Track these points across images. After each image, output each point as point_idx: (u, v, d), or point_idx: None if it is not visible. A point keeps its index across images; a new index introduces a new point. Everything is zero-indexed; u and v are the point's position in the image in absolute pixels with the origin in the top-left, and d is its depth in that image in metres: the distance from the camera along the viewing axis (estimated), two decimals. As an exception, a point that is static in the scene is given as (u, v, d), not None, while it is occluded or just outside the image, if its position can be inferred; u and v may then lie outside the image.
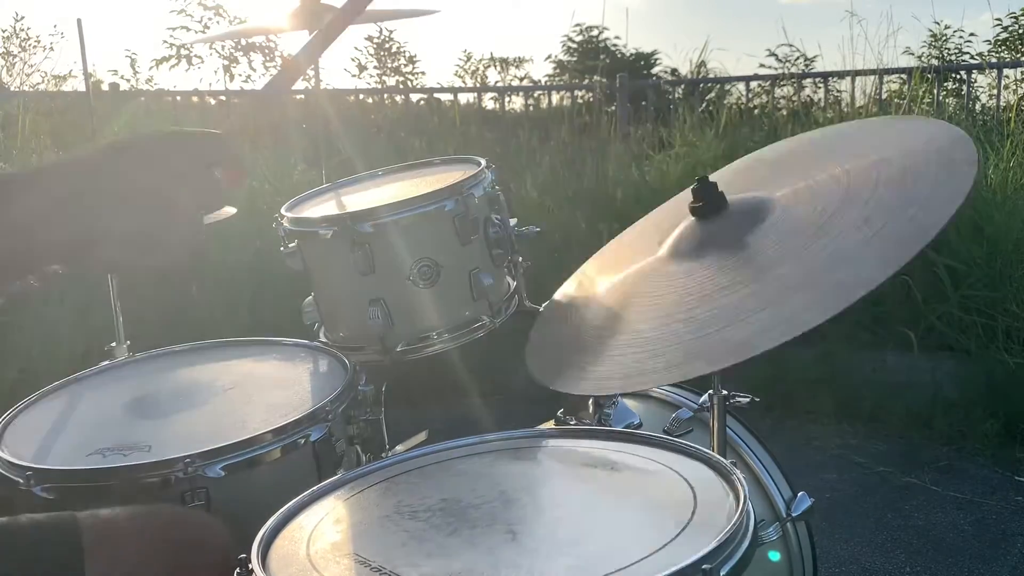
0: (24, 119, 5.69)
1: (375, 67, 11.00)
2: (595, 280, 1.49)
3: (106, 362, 1.82)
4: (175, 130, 0.99)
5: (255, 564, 0.94)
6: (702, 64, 7.05)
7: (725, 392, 1.38)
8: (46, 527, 1.10)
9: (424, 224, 1.52)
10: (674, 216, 1.40)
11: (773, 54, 10.42)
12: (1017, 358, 3.44)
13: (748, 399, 1.42)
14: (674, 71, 13.54)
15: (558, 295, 1.56)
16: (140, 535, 1.13)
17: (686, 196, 1.39)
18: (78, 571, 1.04)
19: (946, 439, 3.40)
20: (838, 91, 6.51)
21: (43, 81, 7.82)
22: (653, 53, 17.21)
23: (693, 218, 1.33)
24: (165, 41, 10.10)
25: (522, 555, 0.92)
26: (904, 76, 5.60)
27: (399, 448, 1.55)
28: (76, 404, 1.61)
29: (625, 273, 1.38)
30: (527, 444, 1.21)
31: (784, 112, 6.27)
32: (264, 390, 1.58)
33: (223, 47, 9.66)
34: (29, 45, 8.23)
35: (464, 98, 8.18)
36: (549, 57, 18.05)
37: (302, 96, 7.60)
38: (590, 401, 1.53)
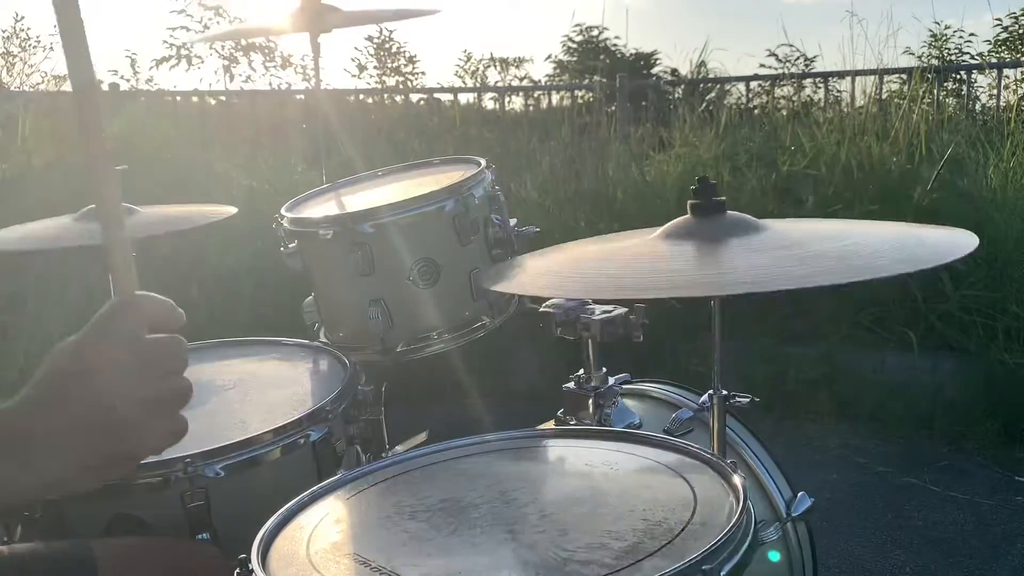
0: (24, 119, 5.69)
1: (375, 67, 11.01)
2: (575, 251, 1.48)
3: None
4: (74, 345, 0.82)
5: (255, 564, 0.94)
6: (702, 64, 7.05)
7: (725, 392, 1.38)
8: (61, 557, 1.10)
9: (424, 224, 1.52)
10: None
11: (773, 54, 10.43)
12: (1017, 358, 3.44)
13: (748, 399, 1.42)
14: (674, 71, 13.53)
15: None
16: (153, 566, 1.14)
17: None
18: None
19: (946, 439, 3.40)
20: (838, 91, 6.52)
21: (43, 81, 7.84)
22: (653, 53, 17.22)
23: (690, 216, 1.32)
24: (165, 41, 10.12)
25: (522, 554, 0.92)
26: (904, 76, 5.60)
27: (399, 448, 1.55)
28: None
29: (610, 247, 1.38)
30: (527, 444, 1.21)
31: (784, 112, 6.27)
32: (264, 390, 1.58)
33: (223, 47, 9.67)
34: (29, 45, 8.24)
35: (464, 98, 8.18)
36: (549, 57, 18.07)
37: (302, 96, 7.61)
38: (590, 401, 1.53)
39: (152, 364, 0.83)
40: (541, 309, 1.57)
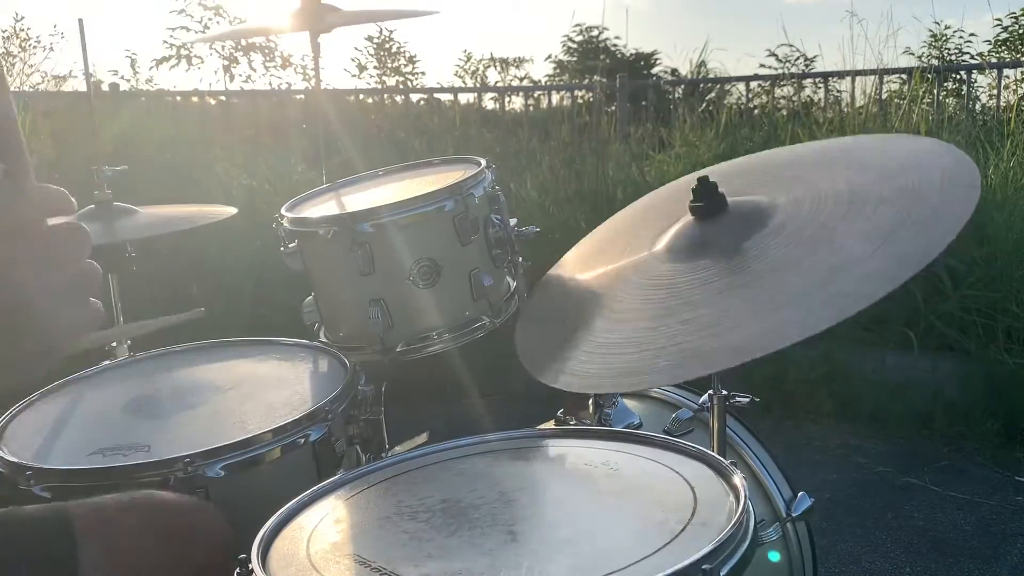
0: (24, 119, 5.69)
1: (375, 67, 10.98)
2: (585, 266, 1.47)
3: (106, 362, 1.82)
4: None
5: (255, 564, 0.94)
6: (702, 64, 7.06)
7: (725, 392, 1.38)
8: (38, 517, 1.09)
9: (424, 224, 1.52)
10: (671, 208, 1.39)
11: (773, 54, 10.42)
12: (1017, 358, 3.44)
13: (748, 399, 1.42)
14: (674, 71, 13.54)
15: (546, 278, 1.54)
16: (131, 521, 1.12)
17: (682, 187, 1.38)
18: (72, 559, 1.04)
19: (946, 439, 3.40)
20: (838, 91, 6.52)
21: (43, 81, 7.83)
22: (653, 53, 17.24)
23: (692, 217, 1.32)
24: (165, 41, 10.10)
25: (522, 555, 0.92)
26: (904, 76, 5.60)
27: (399, 449, 1.55)
28: (76, 404, 1.61)
29: (617, 264, 1.37)
30: (527, 444, 1.21)
31: (784, 112, 6.27)
32: (264, 390, 1.58)
33: (223, 47, 9.66)
34: (29, 45, 8.23)
35: (464, 98, 8.18)
36: (549, 57, 18.08)
37: (302, 96, 7.60)
38: (590, 401, 1.53)
39: (57, 252, 0.79)
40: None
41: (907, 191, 1.15)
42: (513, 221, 1.64)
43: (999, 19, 9.45)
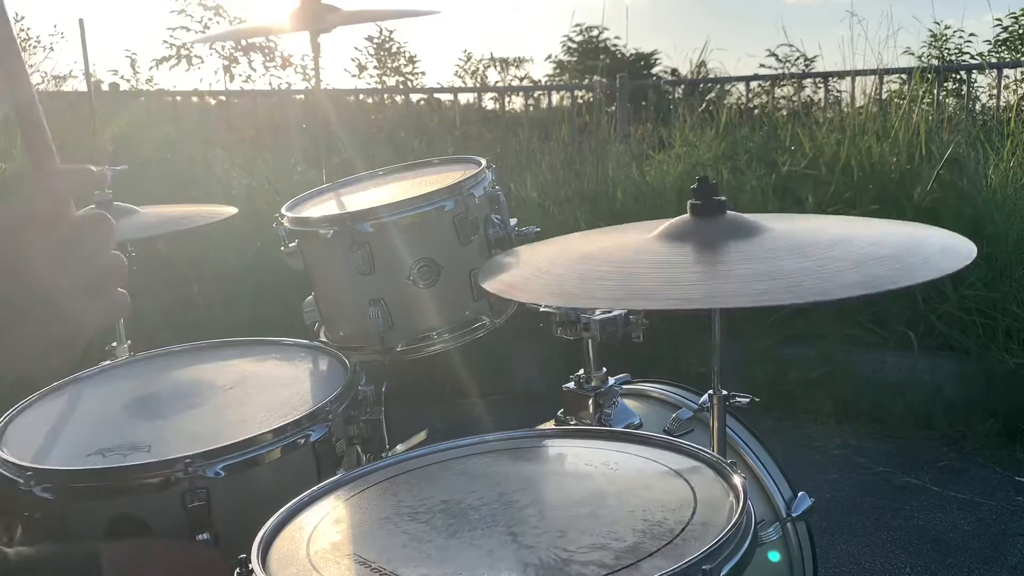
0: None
1: (375, 67, 10.98)
2: (571, 244, 1.49)
3: (106, 362, 1.82)
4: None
5: (255, 564, 0.94)
6: (702, 64, 7.06)
7: (725, 392, 1.38)
8: (68, 557, 1.11)
9: (424, 224, 1.52)
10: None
11: (773, 54, 10.45)
12: (1017, 358, 3.44)
13: (748, 399, 1.42)
14: (674, 71, 13.56)
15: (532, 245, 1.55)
16: (156, 569, 1.14)
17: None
18: None
19: (946, 439, 3.40)
20: (838, 91, 6.52)
21: (43, 81, 7.82)
22: (653, 53, 17.26)
23: (689, 215, 1.33)
24: (165, 41, 10.10)
25: (522, 555, 0.92)
26: (904, 76, 5.60)
27: (399, 448, 1.55)
28: (76, 404, 1.61)
29: (604, 244, 1.39)
30: (527, 444, 1.21)
31: (784, 112, 6.27)
32: (264, 390, 1.58)
33: (223, 47, 9.66)
34: (29, 45, 8.23)
35: (464, 98, 8.19)
36: (549, 57, 18.10)
37: (302, 96, 7.61)
38: (590, 401, 1.53)
39: (83, 243, 0.76)
40: (541, 309, 1.56)
41: (902, 242, 1.20)
42: (513, 221, 1.64)
43: (999, 19, 9.47)
